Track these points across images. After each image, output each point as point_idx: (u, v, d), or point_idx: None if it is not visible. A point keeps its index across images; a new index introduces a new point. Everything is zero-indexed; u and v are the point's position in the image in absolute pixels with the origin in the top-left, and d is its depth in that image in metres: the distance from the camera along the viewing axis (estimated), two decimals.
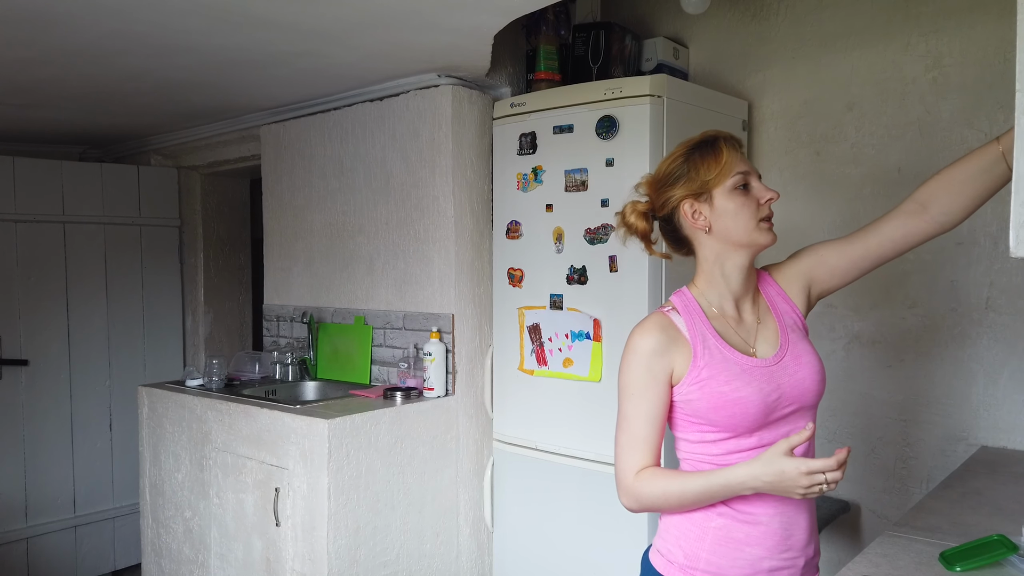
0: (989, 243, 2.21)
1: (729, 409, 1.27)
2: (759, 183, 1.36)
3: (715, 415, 1.28)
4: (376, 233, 2.86)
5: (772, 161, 2.63)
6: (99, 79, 2.63)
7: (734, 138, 1.38)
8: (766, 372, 1.30)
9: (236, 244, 4.25)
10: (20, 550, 3.39)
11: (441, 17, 2.06)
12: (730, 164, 1.34)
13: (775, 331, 1.38)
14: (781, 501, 1.29)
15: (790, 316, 1.42)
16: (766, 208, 1.35)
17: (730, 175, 1.33)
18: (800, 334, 1.40)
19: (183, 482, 2.81)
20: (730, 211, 1.33)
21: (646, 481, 1.29)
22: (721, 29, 2.72)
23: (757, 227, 1.34)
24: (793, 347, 1.36)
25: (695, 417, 1.31)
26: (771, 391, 1.29)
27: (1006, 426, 2.20)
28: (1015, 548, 1.31)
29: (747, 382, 1.28)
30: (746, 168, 1.35)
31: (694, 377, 1.29)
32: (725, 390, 1.27)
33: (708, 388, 1.28)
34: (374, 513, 2.41)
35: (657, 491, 1.28)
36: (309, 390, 3.00)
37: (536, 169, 2.49)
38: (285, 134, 3.19)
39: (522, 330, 2.55)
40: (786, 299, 1.44)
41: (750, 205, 1.33)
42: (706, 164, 1.34)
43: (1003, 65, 2.17)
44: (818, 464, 1.13)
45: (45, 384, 3.48)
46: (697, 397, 1.29)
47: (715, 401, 1.27)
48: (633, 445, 1.31)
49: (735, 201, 1.33)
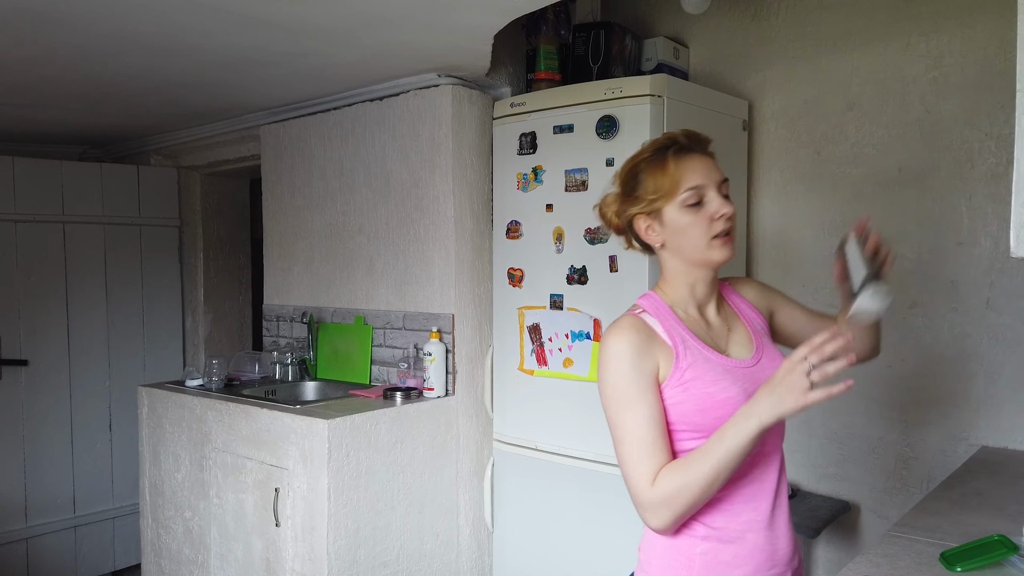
0: (990, 243, 2.21)
1: (717, 410, 1.20)
2: (717, 196, 1.26)
3: (702, 418, 1.21)
4: (376, 233, 2.86)
5: (772, 161, 2.63)
6: (99, 79, 2.63)
7: (691, 144, 1.29)
8: (747, 373, 1.27)
9: (236, 244, 4.25)
10: (20, 550, 3.38)
11: (441, 17, 2.05)
12: (677, 180, 1.25)
13: (746, 335, 1.35)
14: (762, 513, 1.26)
15: (758, 323, 1.39)
16: (720, 223, 1.25)
17: (678, 192, 1.25)
18: (769, 339, 1.37)
19: (183, 482, 2.80)
20: (680, 229, 1.26)
21: (662, 482, 1.17)
22: (721, 29, 2.72)
23: (709, 244, 1.25)
24: (768, 350, 1.33)
25: (680, 423, 1.23)
26: (753, 391, 1.21)
27: (1007, 426, 2.20)
28: (1016, 548, 1.31)
29: (732, 382, 1.23)
30: (699, 181, 1.25)
31: (678, 379, 1.23)
32: (711, 391, 1.22)
33: (693, 389, 1.22)
34: (374, 513, 2.41)
35: (678, 483, 1.16)
36: (309, 390, 3.00)
37: (536, 169, 2.48)
38: (285, 134, 3.19)
39: (522, 330, 2.55)
40: (751, 307, 1.41)
41: (700, 223, 1.25)
42: (654, 180, 1.27)
43: (1003, 65, 2.17)
44: (801, 350, 1.08)
45: (45, 384, 3.48)
46: (683, 399, 1.22)
47: (702, 403, 1.21)
48: (642, 454, 1.20)
49: (685, 219, 1.25)
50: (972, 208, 2.24)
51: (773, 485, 1.28)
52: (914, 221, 2.34)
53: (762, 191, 2.65)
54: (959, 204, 2.26)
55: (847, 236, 1.35)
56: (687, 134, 1.30)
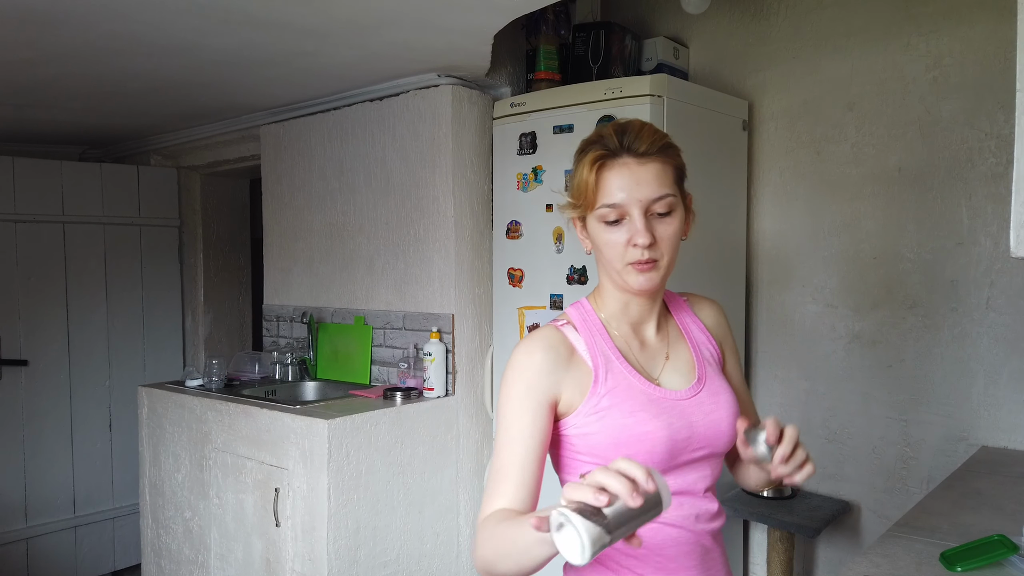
0: (990, 243, 2.21)
1: (632, 446, 1.05)
2: (640, 218, 1.05)
3: (616, 452, 1.05)
4: (376, 233, 2.86)
5: (772, 161, 2.63)
6: (99, 79, 2.63)
7: (624, 147, 1.06)
8: (676, 407, 1.10)
9: (236, 244, 4.25)
10: (20, 550, 3.38)
11: (441, 17, 2.05)
12: (595, 192, 1.07)
13: (688, 362, 1.17)
14: (695, 557, 1.11)
15: (707, 348, 1.21)
16: (636, 252, 1.06)
17: (596, 206, 1.07)
18: (716, 369, 1.19)
19: (183, 482, 2.80)
20: (598, 244, 1.10)
21: (488, 525, 0.99)
22: (721, 29, 2.72)
23: (624, 269, 1.08)
24: (710, 382, 1.15)
25: (589, 455, 1.08)
26: (681, 428, 1.08)
27: (1007, 426, 2.20)
28: (1015, 548, 1.31)
29: (654, 415, 1.07)
30: (619, 199, 1.05)
31: (593, 406, 1.07)
32: (629, 422, 1.06)
33: (609, 419, 1.06)
34: (374, 513, 2.41)
35: (488, 542, 0.98)
36: (309, 390, 3.00)
37: (536, 169, 2.48)
38: (285, 134, 3.19)
39: (522, 330, 2.55)
40: (704, 331, 1.23)
41: (616, 245, 1.07)
42: (575, 183, 1.10)
43: (1003, 64, 2.17)
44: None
45: (45, 384, 3.48)
46: (596, 430, 1.07)
47: (616, 435, 1.06)
48: (496, 478, 1.05)
49: (602, 235, 1.09)
50: (972, 208, 2.24)
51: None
52: (914, 221, 2.34)
53: (762, 191, 2.65)
54: (959, 204, 2.26)
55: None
56: (622, 129, 1.08)
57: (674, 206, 1.08)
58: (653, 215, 1.06)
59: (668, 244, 1.08)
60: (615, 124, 1.10)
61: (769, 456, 1.02)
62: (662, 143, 1.08)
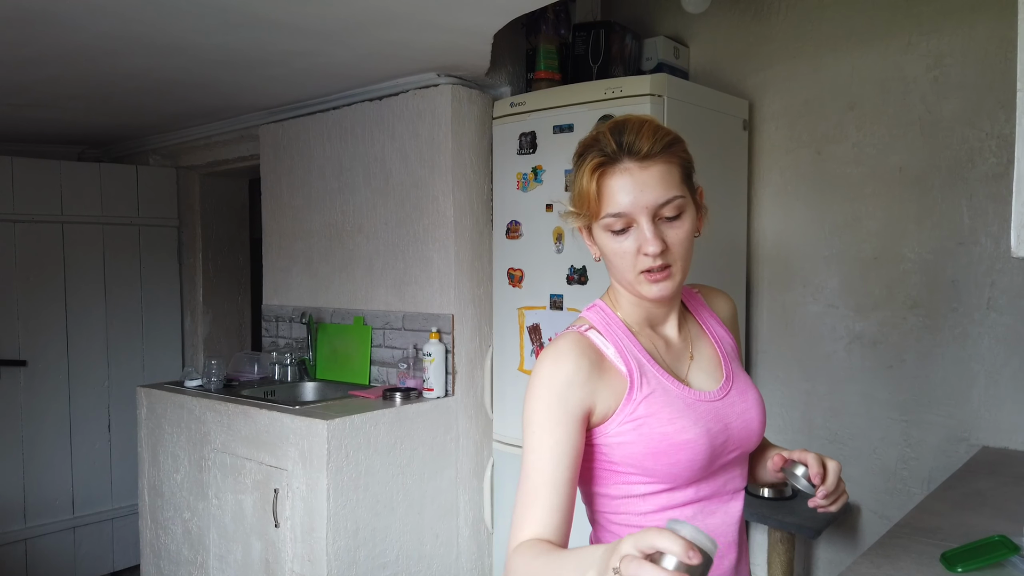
0: (990, 243, 2.21)
1: (673, 455, 1.00)
2: (648, 225, 0.99)
3: (654, 462, 1.00)
4: (375, 233, 2.86)
5: (773, 161, 2.62)
6: (97, 79, 2.62)
7: (625, 151, 1.00)
8: (711, 410, 1.05)
9: (235, 244, 4.24)
10: (19, 551, 3.38)
11: (441, 17, 2.05)
12: (598, 201, 1.01)
13: (712, 359, 1.13)
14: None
15: (728, 343, 1.17)
16: (647, 260, 1.00)
17: (600, 215, 1.01)
18: (739, 365, 1.16)
19: (182, 483, 2.80)
20: (607, 254, 1.05)
21: (520, 560, 0.93)
22: (722, 28, 2.71)
23: (637, 279, 1.02)
24: (738, 380, 1.11)
25: (625, 465, 1.02)
26: (719, 432, 1.04)
27: (1008, 426, 2.20)
28: (1016, 549, 1.31)
29: (694, 421, 1.02)
30: (623, 208, 0.99)
31: (628, 414, 1.01)
32: (668, 431, 1.00)
33: (647, 428, 1.00)
34: (373, 514, 2.40)
35: (523, 570, 0.92)
36: (308, 391, 3.00)
37: (536, 169, 2.48)
38: (284, 134, 3.18)
39: (522, 330, 2.54)
40: (721, 324, 1.19)
41: (626, 254, 1.02)
42: (577, 190, 1.04)
43: (1004, 64, 2.17)
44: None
45: (43, 385, 3.47)
46: (632, 439, 1.01)
47: (655, 445, 1.00)
48: (528, 505, 0.97)
49: (610, 245, 1.03)
50: (973, 208, 2.24)
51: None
52: (914, 221, 2.34)
53: (762, 191, 2.65)
54: (960, 204, 2.26)
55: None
56: (621, 129, 1.03)
57: (683, 207, 1.02)
58: (662, 219, 1.00)
59: (680, 248, 1.02)
60: (612, 123, 1.05)
61: (812, 490, 1.03)
62: (664, 141, 1.02)
